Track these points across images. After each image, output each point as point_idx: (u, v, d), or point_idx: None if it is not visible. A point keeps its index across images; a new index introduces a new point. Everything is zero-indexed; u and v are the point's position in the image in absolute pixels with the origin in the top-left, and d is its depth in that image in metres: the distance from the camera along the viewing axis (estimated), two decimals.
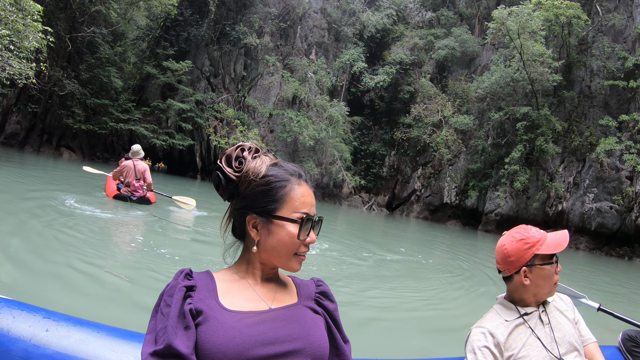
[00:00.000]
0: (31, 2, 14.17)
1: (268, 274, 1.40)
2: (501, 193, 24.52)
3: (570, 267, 13.53)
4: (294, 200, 1.33)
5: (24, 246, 5.45)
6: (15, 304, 1.67)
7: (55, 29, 19.98)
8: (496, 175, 25.71)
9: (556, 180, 23.98)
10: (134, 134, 28.65)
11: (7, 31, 13.19)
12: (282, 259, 1.34)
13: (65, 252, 5.47)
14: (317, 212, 1.39)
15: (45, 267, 4.81)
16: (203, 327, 1.19)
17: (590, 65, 24.82)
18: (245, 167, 1.34)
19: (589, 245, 22.44)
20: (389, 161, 32.36)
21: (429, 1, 35.06)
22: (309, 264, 7.04)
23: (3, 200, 8.40)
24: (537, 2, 23.32)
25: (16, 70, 14.11)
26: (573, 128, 24.40)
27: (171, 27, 31.75)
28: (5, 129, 25.51)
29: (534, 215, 23.98)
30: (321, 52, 33.18)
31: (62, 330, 1.59)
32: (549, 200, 24.05)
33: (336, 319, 1.44)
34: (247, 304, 1.29)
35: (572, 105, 25.11)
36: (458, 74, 31.09)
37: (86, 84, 27.36)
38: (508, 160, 24.18)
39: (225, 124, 29.47)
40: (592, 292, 9.51)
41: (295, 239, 1.31)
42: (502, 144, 26.05)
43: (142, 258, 6.01)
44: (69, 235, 6.29)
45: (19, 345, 1.53)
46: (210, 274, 1.35)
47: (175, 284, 1.25)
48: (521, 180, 23.47)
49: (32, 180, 12.19)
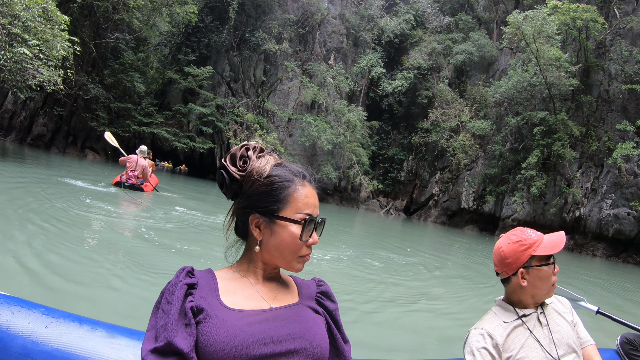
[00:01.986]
0: (58, 13, 14.96)
1: (270, 273, 1.40)
2: (518, 198, 24.32)
3: (587, 275, 13.43)
4: (297, 201, 1.33)
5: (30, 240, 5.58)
6: (14, 300, 1.67)
7: (80, 36, 20.79)
8: (513, 181, 25.53)
9: (574, 185, 23.67)
10: (156, 136, 29.37)
11: (36, 41, 13.96)
12: (284, 259, 1.35)
13: (65, 245, 5.59)
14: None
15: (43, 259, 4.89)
16: (204, 325, 1.19)
17: (609, 69, 24.43)
18: (249, 167, 1.35)
19: (606, 252, 22.12)
20: (407, 166, 32.37)
21: (447, 6, 35.04)
22: (319, 265, 7.22)
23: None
24: (553, 6, 23.16)
25: (45, 78, 14.78)
26: (591, 133, 24.07)
27: (192, 34, 32.56)
28: (32, 130, 26.30)
29: (551, 221, 23.71)
30: (340, 58, 33.48)
31: (62, 327, 1.59)
32: (566, 206, 23.73)
33: (337, 319, 1.45)
34: (248, 302, 1.30)
35: (590, 109, 24.78)
36: (476, 79, 30.98)
37: (110, 88, 28.13)
38: (525, 166, 23.97)
39: (244, 127, 29.92)
40: (610, 300, 9.49)
41: (297, 240, 1.32)
42: (519, 149, 25.86)
43: (141, 252, 6.13)
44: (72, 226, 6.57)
45: (17, 342, 1.52)
46: (211, 272, 1.36)
47: (176, 282, 1.26)
48: (538, 185, 23.25)
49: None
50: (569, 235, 23.53)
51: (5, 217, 6.55)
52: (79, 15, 23.80)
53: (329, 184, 29.83)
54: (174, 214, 10.13)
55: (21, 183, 10.44)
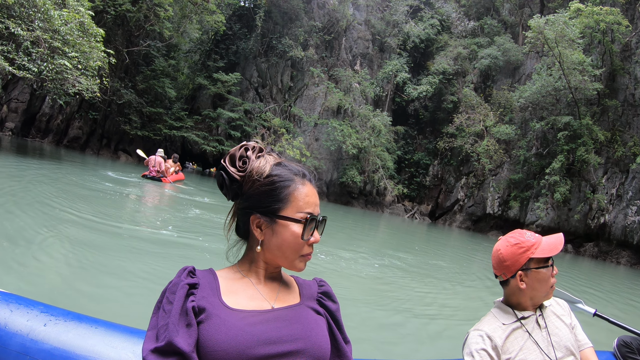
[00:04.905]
0: (94, 26, 16.22)
1: (271, 273, 1.40)
2: (542, 204, 24.01)
3: (612, 283, 13.25)
4: (297, 200, 1.33)
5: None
6: (13, 298, 1.67)
7: (113, 44, 21.98)
8: (538, 186, 25.22)
9: (599, 191, 23.15)
10: (186, 140, 30.35)
11: (75, 53, 15.14)
12: (286, 259, 1.35)
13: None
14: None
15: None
16: (205, 325, 1.19)
17: (635, 73, 23.77)
18: (249, 167, 1.35)
19: (631, 260, 21.63)
20: (433, 170, 32.30)
21: (472, 10, 34.82)
22: (329, 265, 7.55)
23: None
24: (576, 9, 22.83)
25: (84, 86, 16.15)
26: (616, 137, 23.52)
27: (221, 41, 33.63)
28: (68, 133, 27.64)
29: (576, 227, 23.37)
30: (365, 63, 33.77)
31: (61, 325, 1.59)
32: (591, 213, 23.24)
33: (338, 320, 1.45)
34: (250, 302, 1.30)
35: (616, 114, 24.19)
36: (502, 83, 30.73)
37: (142, 93, 29.26)
38: (549, 171, 23.60)
39: (272, 132, 30.50)
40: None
41: (299, 239, 1.32)
42: (544, 154, 25.52)
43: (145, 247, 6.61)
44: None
45: (16, 340, 1.52)
46: (213, 272, 1.36)
47: (178, 281, 1.26)
48: (561, 191, 22.86)
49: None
50: (593, 243, 23.28)
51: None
52: (113, 25, 24.94)
53: (354, 187, 30.15)
54: (192, 213, 11.15)
55: (69, 174, 13.77)
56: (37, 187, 9.61)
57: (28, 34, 14.09)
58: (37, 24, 14.27)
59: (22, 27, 14.02)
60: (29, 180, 10.39)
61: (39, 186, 9.73)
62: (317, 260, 7.79)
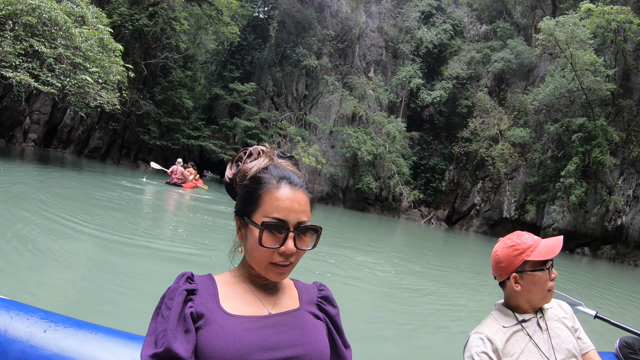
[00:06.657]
0: (113, 42, 16.94)
1: (263, 278, 1.35)
2: (558, 207, 23.90)
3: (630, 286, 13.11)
4: (266, 204, 1.27)
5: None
6: (13, 304, 1.67)
7: (131, 57, 22.67)
8: (553, 189, 25.10)
9: (615, 193, 23.04)
10: (203, 149, 30.91)
11: (95, 68, 15.79)
12: (256, 265, 1.30)
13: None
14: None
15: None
16: (203, 331, 1.18)
17: None
18: (239, 169, 1.37)
19: None
20: (449, 175, 32.30)
21: (484, 13, 34.79)
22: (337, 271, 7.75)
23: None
24: (586, 10, 22.79)
25: (104, 100, 16.85)
26: (632, 138, 23.40)
27: (236, 52, 34.29)
28: (89, 143, 28.40)
29: (592, 230, 23.26)
30: (379, 70, 34.01)
31: (61, 332, 1.59)
32: (608, 215, 23.12)
33: (338, 324, 1.43)
34: (248, 308, 1.29)
35: (631, 114, 24.06)
36: (516, 86, 30.65)
37: (160, 104, 29.98)
38: (564, 174, 23.47)
39: (288, 140, 30.87)
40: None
41: (258, 245, 1.25)
42: (559, 156, 25.40)
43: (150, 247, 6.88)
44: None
45: (16, 346, 1.52)
46: (211, 278, 1.35)
47: (176, 287, 1.25)
48: (577, 193, 22.71)
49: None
50: (611, 245, 23.11)
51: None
52: (130, 39, 25.66)
53: (370, 194, 30.35)
54: (204, 218, 11.62)
55: (102, 181, 15.33)
56: (64, 191, 10.53)
57: (51, 51, 14.76)
58: (59, 41, 14.95)
59: (45, 45, 14.68)
60: (49, 186, 11.12)
61: (64, 190, 10.63)
62: (325, 265, 8.01)
